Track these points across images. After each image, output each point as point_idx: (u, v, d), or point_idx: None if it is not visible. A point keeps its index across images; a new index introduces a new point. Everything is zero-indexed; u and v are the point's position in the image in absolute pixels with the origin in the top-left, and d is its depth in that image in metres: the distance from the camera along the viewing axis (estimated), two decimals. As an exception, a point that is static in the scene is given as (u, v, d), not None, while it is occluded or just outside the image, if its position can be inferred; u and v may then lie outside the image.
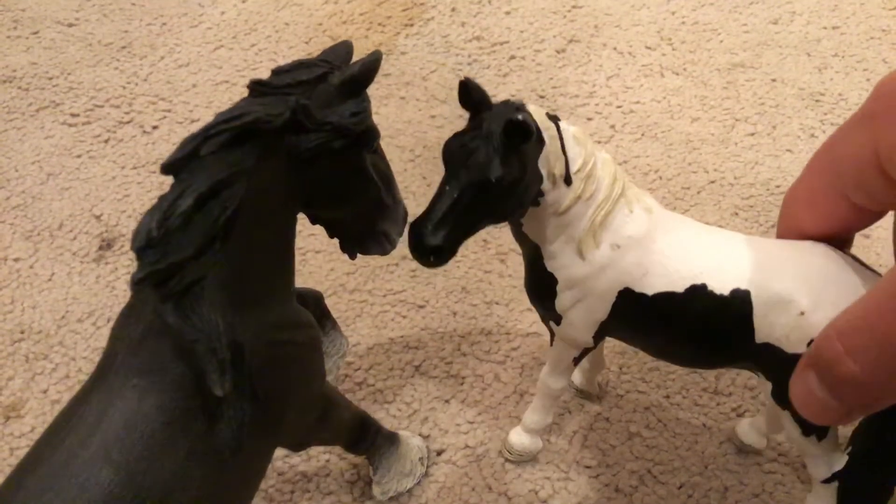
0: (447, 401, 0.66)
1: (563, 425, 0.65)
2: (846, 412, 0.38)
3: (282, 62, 0.95)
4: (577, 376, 0.66)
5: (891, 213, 0.46)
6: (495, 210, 0.46)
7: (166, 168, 0.38)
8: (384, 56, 0.95)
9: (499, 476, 0.62)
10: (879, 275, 0.46)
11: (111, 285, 0.75)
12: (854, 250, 0.49)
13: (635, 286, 0.48)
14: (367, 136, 0.44)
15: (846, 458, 0.50)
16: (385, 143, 0.87)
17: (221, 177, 0.38)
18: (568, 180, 0.47)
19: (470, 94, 0.45)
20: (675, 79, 0.91)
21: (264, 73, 0.99)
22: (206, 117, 0.89)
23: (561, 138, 0.46)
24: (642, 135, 0.85)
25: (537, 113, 0.46)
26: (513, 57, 0.94)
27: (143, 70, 0.95)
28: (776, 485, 0.61)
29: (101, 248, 0.78)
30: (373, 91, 0.96)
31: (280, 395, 0.44)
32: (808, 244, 0.48)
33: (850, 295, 0.43)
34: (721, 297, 0.47)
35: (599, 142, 0.84)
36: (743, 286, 0.47)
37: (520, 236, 0.51)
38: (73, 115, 0.91)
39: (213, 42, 0.98)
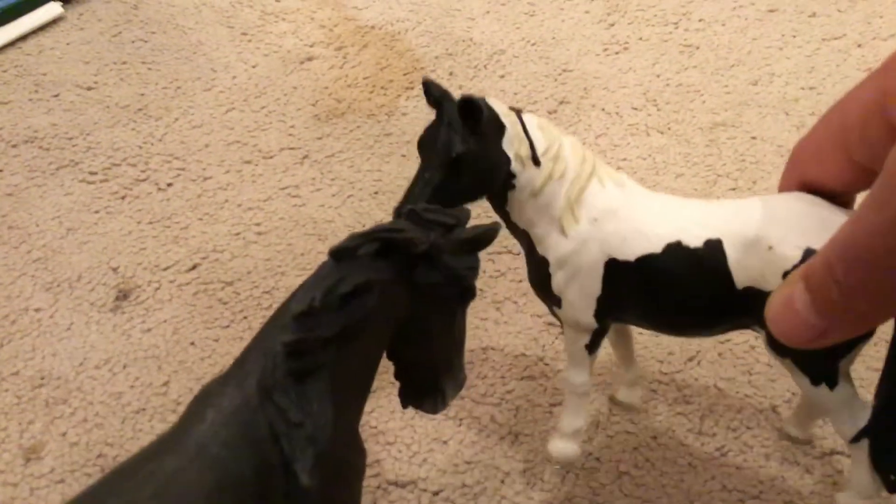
0: (445, 442, 0.70)
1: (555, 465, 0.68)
2: (821, 332, 0.37)
3: (290, 123, 1.01)
4: (622, 392, 0.68)
5: None
6: (467, 187, 0.51)
7: (335, 253, 0.42)
8: (387, 117, 1.01)
9: (495, 513, 0.65)
10: None
11: (127, 334, 0.79)
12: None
13: (618, 255, 0.52)
14: (470, 292, 0.48)
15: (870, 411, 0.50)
16: (387, 198, 0.93)
17: (368, 278, 0.41)
18: (536, 161, 0.52)
19: (431, 92, 0.51)
20: (660, 137, 0.96)
21: (274, 134, 1.04)
22: (217, 175, 0.95)
23: (523, 124, 0.52)
24: (630, 190, 0.90)
25: (497, 104, 0.52)
26: (507, 117, 1.00)
27: (159, 131, 1.01)
28: (758, 520, 0.64)
29: (117, 298, 0.82)
30: (375, 149, 1.02)
31: None
32: (779, 194, 0.50)
33: (819, 226, 0.46)
34: (696, 250, 0.50)
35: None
36: (714, 236, 0.50)
37: (513, 228, 0.55)
38: (92, 174, 0.96)
39: (225, 104, 1.04)
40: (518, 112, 0.53)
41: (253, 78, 1.08)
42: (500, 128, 0.51)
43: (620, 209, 0.52)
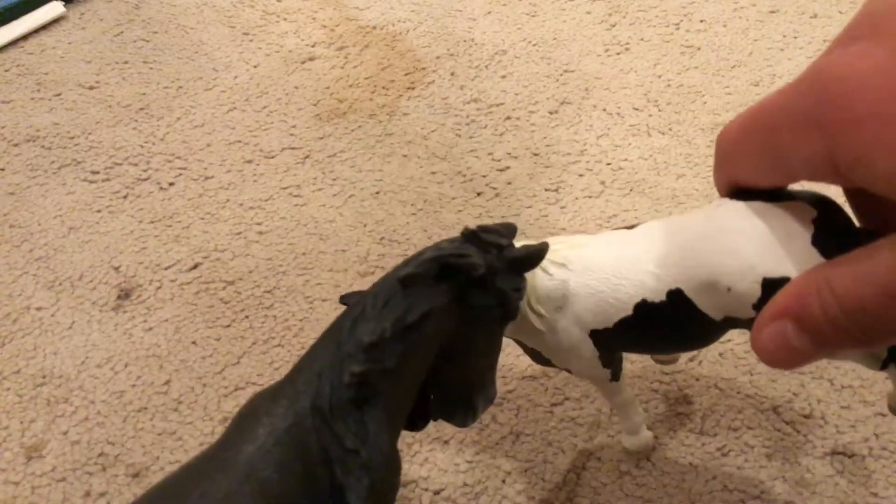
0: (446, 441, 0.70)
1: (556, 464, 0.68)
2: (823, 355, 0.37)
3: (292, 123, 1.01)
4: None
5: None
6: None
7: (405, 280, 0.41)
8: (388, 117, 1.01)
9: (495, 512, 0.65)
10: (799, 198, 0.47)
11: (129, 333, 0.79)
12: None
13: (597, 326, 0.52)
14: (513, 313, 0.47)
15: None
16: (388, 198, 0.93)
17: (432, 306, 0.41)
18: None
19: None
20: (661, 138, 0.96)
21: (275, 133, 1.04)
22: (219, 174, 0.95)
23: None
24: (630, 190, 0.90)
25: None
26: (508, 117, 1.00)
27: (160, 130, 1.01)
28: (759, 520, 0.64)
29: (119, 297, 0.82)
30: (377, 149, 1.02)
31: None
32: (712, 208, 0.48)
33: (767, 249, 0.45)
34: (663, 304, 0.50)
35: (590, 197, 0.89)
36: (673, 286, 0.49)
37: None
38: (94, 173, 0.96)
39: (227, 104, 1.04)
40: None
41: (254, 78, 1.08)
42: None
43: (574, 288, 0.52)
